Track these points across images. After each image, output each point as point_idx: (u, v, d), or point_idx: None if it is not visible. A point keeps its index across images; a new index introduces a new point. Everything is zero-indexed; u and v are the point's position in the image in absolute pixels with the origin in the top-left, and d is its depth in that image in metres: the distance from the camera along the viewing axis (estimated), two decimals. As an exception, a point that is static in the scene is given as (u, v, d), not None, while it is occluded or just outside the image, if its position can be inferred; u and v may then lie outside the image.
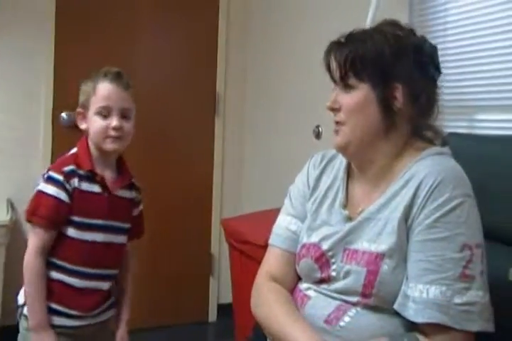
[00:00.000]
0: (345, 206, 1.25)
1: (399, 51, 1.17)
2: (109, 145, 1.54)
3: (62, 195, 1.50)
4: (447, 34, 1.95)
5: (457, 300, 1.04)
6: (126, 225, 1.64)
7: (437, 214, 1.08)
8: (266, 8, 3.09)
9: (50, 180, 1.51)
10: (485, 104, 1.82)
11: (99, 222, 1.55)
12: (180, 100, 3.04)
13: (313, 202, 1.30)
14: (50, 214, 1.49)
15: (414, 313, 1.06)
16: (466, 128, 1.87)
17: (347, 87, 1.19)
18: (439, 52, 1.22)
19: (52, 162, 2.74)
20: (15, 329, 1.56)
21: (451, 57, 1.91)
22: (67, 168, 1.52)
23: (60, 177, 1.50)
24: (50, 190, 1.50)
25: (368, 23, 1.95)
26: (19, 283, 1.51)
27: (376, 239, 1.12)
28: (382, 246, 1.11)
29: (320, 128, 2.46)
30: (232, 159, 3.17)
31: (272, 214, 1.42)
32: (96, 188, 1.55)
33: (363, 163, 1.23)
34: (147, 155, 2.99)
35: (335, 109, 1.21)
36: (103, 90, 1.53)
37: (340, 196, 1.26)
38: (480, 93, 1.83)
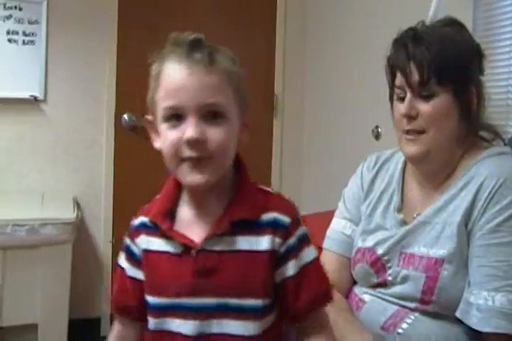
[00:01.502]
0: (400, 210, 1.23)
1: (472, 53, 1.15)
2: (186, 177, 0.89)
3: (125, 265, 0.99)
4: (514, 30, 1.86)
5: None
6: (252, 301, 0.89)
7: (500, 218, 1.05)
8: (325, 7, 3.07)
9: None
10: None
11: (184, 301, 0.90)
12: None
13: (367, 205, 1.28)
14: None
15: (479, 322, 1.03)
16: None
17: (426, 93, 1.12)
18: (507, 48, 1.19)
19: (115, 164, 2.87)
20: (82, 323, 1.59)
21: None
22: (135, 221, 1.00)
23: (126, 239, 1.00)
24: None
25: (430, 19, 1.89)
26: (85, 279, 1.56)
27: (434, 244, 1.10)
28: (441, 251, 1.09)
29: (379, 129, 2.42)
30: (290, 161, 3.16)
31: (329, 217, 1.41)
32: (172, 247, 0.92)
33: (432, 169, 1.19)
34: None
35: (411, 117, 1.14)
36: (168, 78, 0.90)
37: (396, 200, 1.23)
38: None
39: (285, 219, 0.90)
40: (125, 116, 2.82)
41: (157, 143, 0.94)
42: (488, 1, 1.99)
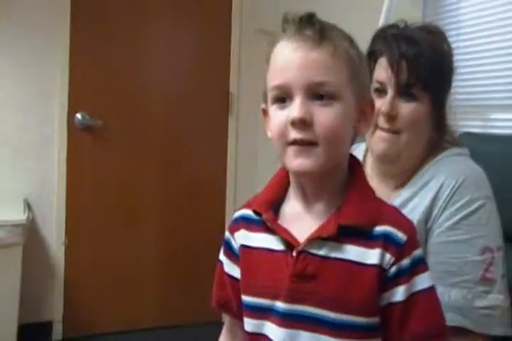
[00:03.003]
0: None
1: (452, 64, 1.17)
2: (292, 161, 0.81)
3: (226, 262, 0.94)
4: (460, 33, 1.93)
5: (478, 303, 1.03)
6: (350, 318, 0.80)
7: (458, 216, 1.08)
8: (278, 6, 3.08)
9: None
10: (499, 103, 1.81)
11: (278, 304, 0.84)
12: (192, 100, 3.05)
13: None
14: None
15: None
16: (480, 127, 1.86)
17: (408, 94, 1.12)
18: (454, 51, 1.22)
19: (67, 163, 2.80)
20: (33, 327, 1.56)
21: (464, 56, 1.89)
22: (236, 214, 0.94)
23: (226, 233, 0.95)
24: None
25: (382, 22, 1.94)
26: (36, 282, 1.52)
27: None
28: None
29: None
30: (245, 159, 3.17)
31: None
32: (273, 243, 0.86)
33: (397, 169, 1.20)
34: (159, 155, 3.00)
35: (391, 116, 1.13)
36: (276, 57, 0.84)
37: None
38: (494, 92, 1.82)
39: (400, 235, 0.81)
40: (78, 115, 2.76)
41: (269, 132, 0.87)
42: (436, 5, 2.06)
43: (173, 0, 3.01)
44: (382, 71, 1.14)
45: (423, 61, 1.10)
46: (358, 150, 1.30)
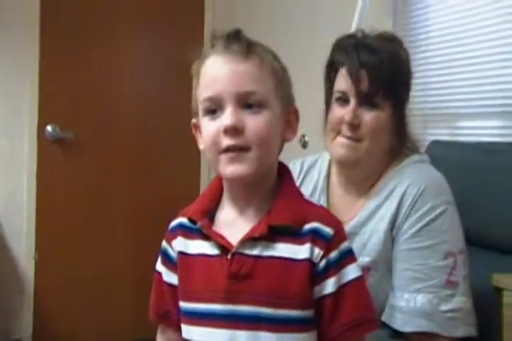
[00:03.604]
0: None
1: (410, 72, 1.19)
2: (226, 168, 0.85)
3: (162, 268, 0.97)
4: (430, 43, 1.96)
5: (443, 307, 1.05)
6: (287, 312, 0.83)
7: (421, 223, 1.09)
8: (251, 13, 3.09)
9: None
10: (467, 112, 1.82)
11: (216, 307, 0.86)
12: (165, 112, 3.01)
13: None
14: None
15: (402, 323, 1.06)
16: (449, 135, 1.87)
17: (370, 103, 1.13)
18: (423, 60, 1.24)
19: (37, 176, 2.77)
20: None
21: (433, 65, 1.92)
22: (173, 223, 0.97)
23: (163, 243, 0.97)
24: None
25: (353, 30, 1.95)
26: (4, 298, 1.47)
27: (360, 252, 1.11)
28: (367, 258, 1.11)
29: (306, 138, 2.46)
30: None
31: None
32: (208, 248, 0.88)
33: (359, 176, 1.20)
34: (131, 168, 2.96)
35: (354, 125, 1.14)
36: (206, 71, 0.88)
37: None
38: (462, 101, 1.83)
39: (327, 229, 0.85)
40: (48, 128, 2.72)
41: (201, 145, 0.91)
42: (406, 14, 2.08)
43: (144, 11, 2.99)
44: (343, 81, 1.16)
45: (383, 70, 1.11)
46: (322, 159, 1.30)
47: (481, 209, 1.30)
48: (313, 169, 1.31)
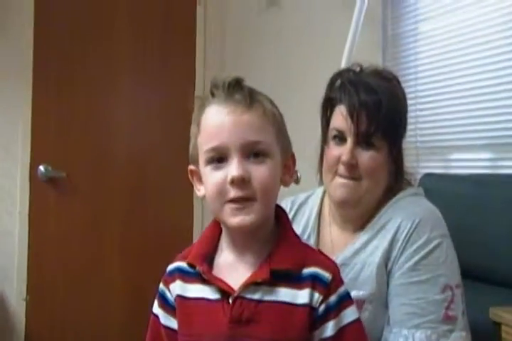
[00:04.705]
0: None
1: (406, 104, 1.20)
2: (232, 219, 0.86)
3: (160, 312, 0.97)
4: (419, 77, 1.99)
5: None
6: None
7: (417, 257, 1.07)
8: (241, 55, 3.14)
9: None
10: (458, 144, 1.83)
11: None
12: (157, 151, 3.01)
13: None
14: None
15: None
16: (441, 168, 1.88)
17: (367, 143, 1.13)
18: (413, 95, 1.24)
19: (30, 216, 2.73)
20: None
21: (423, 99, 1.94)
22: (170, 267, 0.96)
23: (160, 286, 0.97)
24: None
25: (343, 67, 1.98)
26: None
27: (353, 285, 1.09)
28: (361, 292, 1.09)
29: (298, 174, 2.45)
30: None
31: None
32: (208, 293, 0.89)
33: (356, 214, 1.19)
34: (124, 207, 2.94)
35: (352, 165, 1.13)
36: (209, 121, 0.88)
37: (312, 244, 1.22)
38: (453, 133, 1.85)
39: (326, 274, 0.87)
40: (41, 167, 2.71)
41: (200, 192, 0.92)
42: (395, 49, 2.12)
43: (135, 50, 3.02)
44: (341, 119, 1.15)
45: (382, 110, 1.11)
46: (315, 195, 1.30)
47: (475, 241, 1.30)
48: (304, 206, 1.30)
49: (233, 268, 0.89)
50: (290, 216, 1.27)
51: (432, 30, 1.95)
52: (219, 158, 0.86)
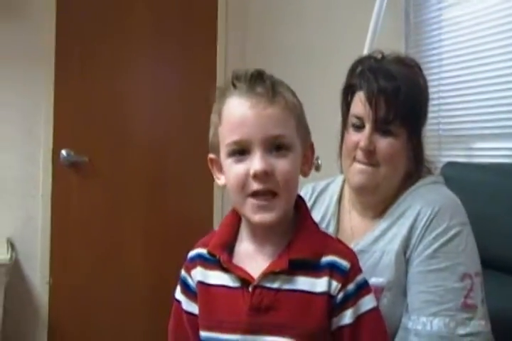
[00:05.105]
0: None
1: (428, 99, 1.19)
2: (254, 215, 0.87)
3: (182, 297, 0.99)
4: (442, 64, 1.96)
5: (461, 331, 1.02)
6: None
7: (436, 245, 1.07)
8: (262, 43, 3.13)
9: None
10: (481, 133, 1.81)
11: (237, 338, 0.88)
12: (178, 135, 3.03)
13: None
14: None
15: None
16: (464, 157, 1.85)
17: (386, 131, 1.12)
18: (436, 82, 1.23)
19: (52, 201, 2.78)
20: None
21: (447, 87, 1.91)
22: (191, 253, 0.98)
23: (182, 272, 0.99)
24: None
25: (365, 53, 1.96)
26: (19, 323, 1.47)
27: (373, 272, 1.10)
28: (381, 279, 1.10)
29: (319, 161, 2.45)
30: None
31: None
32: (229, 280, 0.90)
33: (375, 200, 1.19)
34: (146, 191, 2.97)
35: (369, 151, 1.13)
36: (231, 113, 0.88)
37: (330, 230, 1.23)
38: (476, 122, 1.82)
39: (344, 263, 0.88)
40: (63, 152, 2.75)
41: (220, 181, 0.94)
42: (418, 37, 2.09)
43: (157, 37, 3.04)
44: (360, 106, 1.15)
45: (401, 97, 1.11)
46: (336, 182, 1.30)
47: (497, 231, 1.28)
48: (325, 193, 1.31)
49: (253, 258, 0.91)
50: (310, 202, 1.29)
51: (457, 17, 1.91)
52: (241, 151, 0.87)
